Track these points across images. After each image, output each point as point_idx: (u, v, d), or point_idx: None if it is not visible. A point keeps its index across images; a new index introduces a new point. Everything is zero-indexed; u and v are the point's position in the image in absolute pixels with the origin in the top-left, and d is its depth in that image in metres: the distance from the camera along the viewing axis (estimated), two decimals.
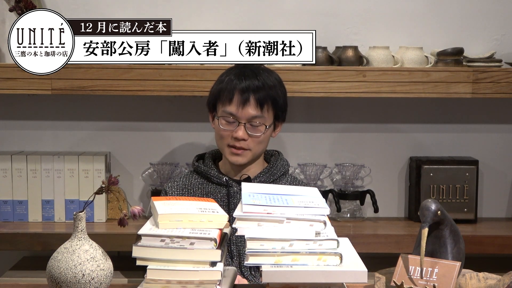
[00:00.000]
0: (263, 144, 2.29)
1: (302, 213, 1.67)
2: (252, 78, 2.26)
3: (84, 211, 1.75)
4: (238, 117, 2.24)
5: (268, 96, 2.25)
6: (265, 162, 2.41)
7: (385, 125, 3.10)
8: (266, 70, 2.34)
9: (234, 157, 2.27)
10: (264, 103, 2.24)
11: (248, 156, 2.27)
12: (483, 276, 1.84)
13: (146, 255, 1.64)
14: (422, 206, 1.75)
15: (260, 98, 2.24)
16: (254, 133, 2.25)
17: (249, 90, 2.24)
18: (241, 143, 2.25)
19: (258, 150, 2.29)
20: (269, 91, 2.26)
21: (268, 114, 2.27)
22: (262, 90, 2.25)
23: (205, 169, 2.33)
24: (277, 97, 2.28)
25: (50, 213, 2.90)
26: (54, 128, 3.07)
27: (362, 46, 2.96)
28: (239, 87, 2.24)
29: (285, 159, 2.41)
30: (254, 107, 2.24)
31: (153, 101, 3.05)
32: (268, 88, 2.26)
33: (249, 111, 2.24)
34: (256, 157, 2.32)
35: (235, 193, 2.28)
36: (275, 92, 2.28)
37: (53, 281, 1.69)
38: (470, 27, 3.03)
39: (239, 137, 2.24)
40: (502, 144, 3.11)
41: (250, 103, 2.23)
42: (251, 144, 2.26)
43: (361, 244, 2.58)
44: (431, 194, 2.93)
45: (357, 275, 1.64)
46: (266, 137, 2.29)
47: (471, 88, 2.80)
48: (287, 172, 2.39)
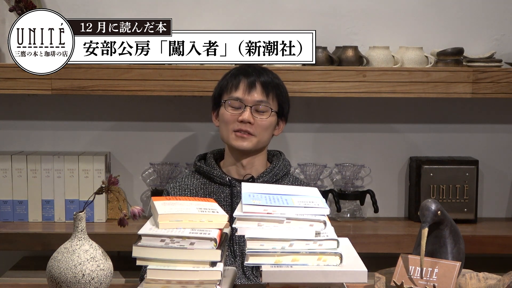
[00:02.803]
0: (267, 133, 2.32)
1: (302, 213, 1.67)
2: (257, 72, 2.33)
3: (84, 211, 1.75)
4: (245, 100, 2.29)
5: (273, 85, 2.33)
6: (268, 162, 2.42)
7: (385, 125, 3.10)
8: (268, 69, 2.40)
9: (239, 141, 2.29)
10: (269, 91, 2.31)
11: (253, 142, 2.30)
12: (483, 276, 1.84)
13: (146, 255, 1.64)
14: (422, 206, 1.75)
15: (266, 84, 2.31)
16: (260, 117, 2.29)
17: (254, 75, 2.31)
18: (247, 126, 2.28)
19: (263, 138, 2.32)
20: (274, 81, 2.34)
21: (273, 102, 2.32)
22: (267, 80, 2.32)
23: (207, 169, 2.34)
24: (281, 89, 2.36)
25: (50, 213, 2.90)
26: (54, 128, 3.07)
27: (362, 46, 2.96)
28: (245, 72, 2.32)
29: (287, 159, 2.43)
30: (260, 92, 2.30)
31: (153, 101, 3.05)
32: (273, 78, 2.34)
33: (255, 96, 2.29)
34: (260, 148, 2.33)
35: (239, 192, 2.27)
36: (279, 84, 2.36)
37: (53, 281, 1.69)
38: (470, 27, 3.03)
39: (246, 120, 2.27)
40: (502, 144, 3.11)
41: (256, 88, 2.30)
42: (257, 129, 2.29)
43: (361, 244, 2.58)
44: (431, 194, 2.93)
45: (357, 275, 1.64)
46: (271, 125, 2.33)
47: (471, 88, 2.80)
48: (289, 172, 2.41)
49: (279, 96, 2.34)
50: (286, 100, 2.38)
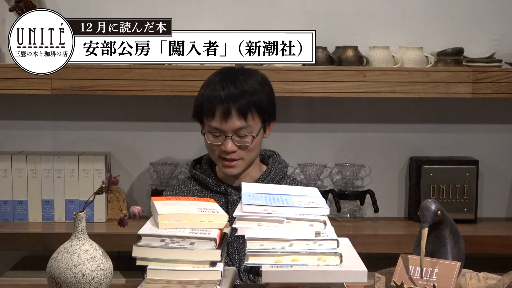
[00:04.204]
0: (255, 151, 2.23)
1: (302, 213, 1.67)
2: (230, 86, 2.16)
3: (84, 211, 1.75)
4: (223, 130, 2.16)
5: (249, 104, 2.15)
6: (262, 164, 2.37)
7: (385, 125, 3.09)
8: (247, 73, 2.22)
9: (228, 169, 2.22)
10: (247, 112, 2.15)
11: (241, 166, 2.22)
12: (483, 276, 1.84)
13: (146, 255, 1.64)
14: (422, 206, 1.75)
15: (242, 108, 2.14)
16: (242, 144, 2.18)
17: (229, 101, 2.14)
18: (231, 155, 2.19)
19: (251, 158, 2.23)
20: (250, 98, 2.16)
21: (254, 121, 2.18)
22: (242, 98, 2.14)
23: (203, 177, 2.29)
24: (260, 102, 2.18)
25: (50, 213, 2.90)
26: (54, 128, 3.07)
27: (362, 46, 2.96)
28: (218, 99, 2.15)
29: (283, 161, 2.36)
30: (237, 119, 2.15)
31: (153, 101, 3.05)
32: (249, 94, 2.16)
33: (232, 124, 2.15)
34: (251, 163, 2.27)
35: (235, 201, 2.23)
36: (257, 98, 2.17)
37: (53, 281, 1.69)
38: (470, 27, 3.03)
39: (228, 150, 2.17)
40: (502, 144, 3.11)
41: (232, 115, 2.14)
42: (241, 154, 2.20)
43: (361, 244, 2.58)
44: (431, 194, 2.93)
45: (357, 275, 1.64)
46: (256, 144, 2.21)
47: (471, 88, 2.80)
48: (285, 174, 2.35)
49: (260, 109, 2.18)
50: (269, 104, 2.22)
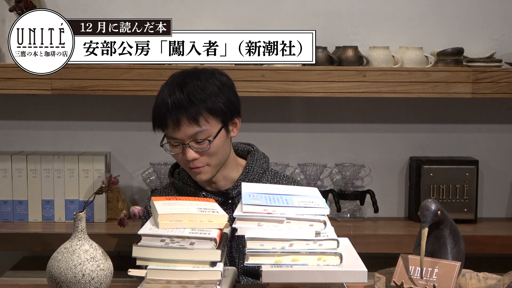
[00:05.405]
0: (220, 153, 2.09)
1: (302, 213, 1.67)
2: (177, 91, 2.04)
3: (84, 211, 1.75)
4: (179, 139, 2.05)
5: (200, 109, 2.03)
6: (239, 157, 2.23)
7: (385, 125, 3.09)
8: (204, 76, 2.10)
9: (198, 176, 2.11)
10: (198, 117, 2.02)
11: (210, 171, 2.10)
12: (483, 276, 1.84)
13: (146, 255, 1.64)
14: (422, 206, 1.75)
15: (191, 114, 2.02)
16: (202, 150, 2.05)
17: (176, 109, 2.03)
18: (195, 163, 2.07)
19: (218, 161, 2.10)
20: (200, 104, 2.03)
21: (210, 123, 2.04)
22: (190, 105, 2.02)
23: (181, 185, 2.20)
24: (213, 107, 2.04)
25: (50, 213, 2.90)
26: (54, 128, 3.06)
27: (362, 46, 2.96)
28: (167, 106, 2.04)
29: (261, 155, 2.22)
30: (189, 125, 2.03)
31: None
32: (197, 101, 2.03)
33: (186, 131, 2.03)
34: (220, 165, 2.13)
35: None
36: (209, 103, 2.04)
37: (53, 281, 1.69)
38: (470, 27, 3.03)
39: (189, 159, 2.06)
40: (502, 144, 3.11)
41: (183, 123, 2.03)
42: (205, 160, 2.07)
43: (361, 244, 2.58)
44: (431, 194, 2.93)
45: (357, 275, 1.64)
46: (219, 145, 2.07)
47: (471, 88, 2.80)
48: (267, 169, 2.21)
49: (215, 109, 2.05)
50: (227, 106, 2.08)
